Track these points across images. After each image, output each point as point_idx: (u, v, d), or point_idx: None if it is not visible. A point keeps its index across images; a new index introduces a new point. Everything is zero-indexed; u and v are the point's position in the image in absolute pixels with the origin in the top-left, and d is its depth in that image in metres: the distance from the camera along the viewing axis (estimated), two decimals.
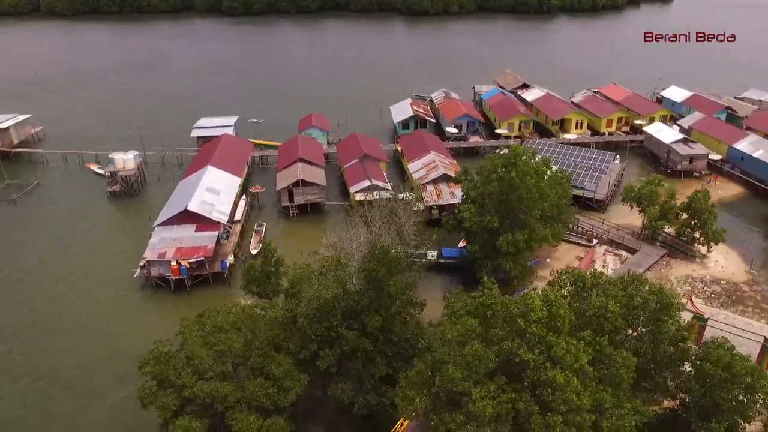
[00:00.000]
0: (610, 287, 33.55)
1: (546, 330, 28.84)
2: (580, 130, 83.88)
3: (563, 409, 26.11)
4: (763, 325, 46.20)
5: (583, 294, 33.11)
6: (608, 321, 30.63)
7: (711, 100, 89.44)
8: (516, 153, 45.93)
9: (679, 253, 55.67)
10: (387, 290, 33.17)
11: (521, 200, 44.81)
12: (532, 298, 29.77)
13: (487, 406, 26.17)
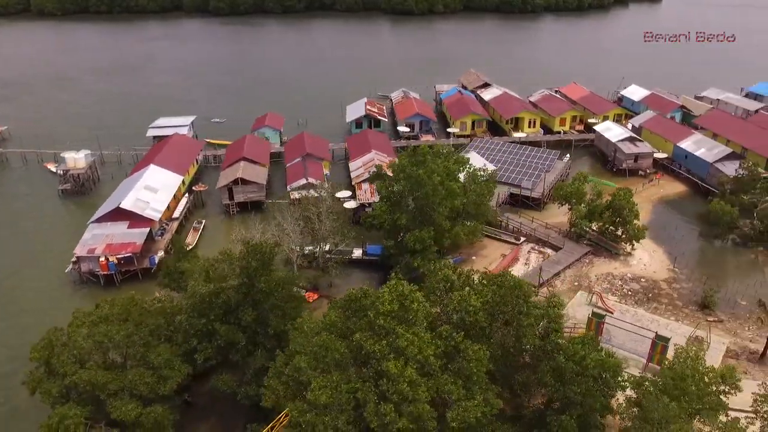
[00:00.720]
0: (484, 286, 34.29)
1: (396, 322, 29.66)
2: (533, 129, 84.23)
3: (396, 398, 26.81)
4: (670, 322, 46.70)
5: (451, 292, 33.83)
6: (469, 315, 31.29)
7: (667, 99, 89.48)
8: (424, 152, 46.63)
9: (604, 251, 56.09)
10: (259, 286, 34.04)
11: (427, 198, 45.50)
12: (383, 292, 30.54)
13: (322, 395, 26.95)
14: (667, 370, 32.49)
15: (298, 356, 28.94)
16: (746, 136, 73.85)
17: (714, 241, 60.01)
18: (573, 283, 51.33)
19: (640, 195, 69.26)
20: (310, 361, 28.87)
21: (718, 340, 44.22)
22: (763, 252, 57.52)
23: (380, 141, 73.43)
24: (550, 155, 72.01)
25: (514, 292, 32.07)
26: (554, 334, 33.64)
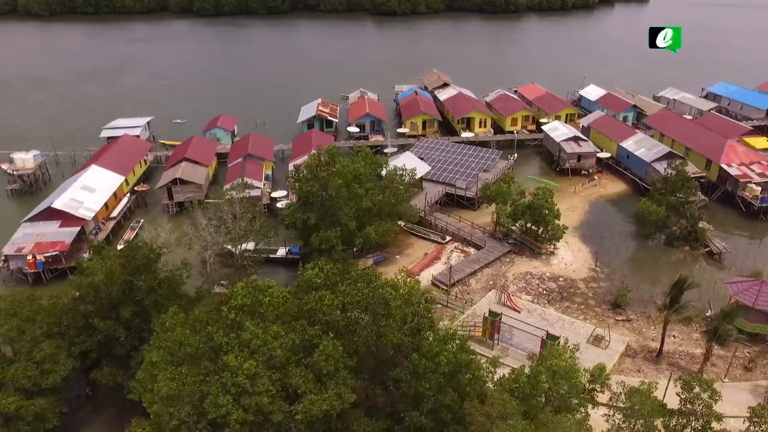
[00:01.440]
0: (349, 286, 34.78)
1: (248, 317, 30.32)
2: (483, 129, 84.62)
3: (233, 390, 27.47)
4: (575, 321, 46.95)
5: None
6: (323, 313, 31.84)
7: (621, 99, 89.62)
8: (332, 154, 47.26)
9: (527, 250, 56.45)
10: (138, 284, 34.85)
11: (332, 199, 46.15)
12: (238, 287, 31.24)
13: (164, 386, 27.73)
14: (537, 367, 32.94)
15: (154, 350, 29.72)
16: (690, 136, 73.94)
17: (644, 241, 60.09)
18: (488, 282, 51.71)
19: (579, 194, 70.00)
20: (164, 355, 29.60)
21: (620, 339, 44.55)
22: (689, 251, 57.85)
23: (323, 142, 73.98)
24: (492, 155, 72.39)
25: (377, 291, 32.55)
26: (428, 330, 34.20)
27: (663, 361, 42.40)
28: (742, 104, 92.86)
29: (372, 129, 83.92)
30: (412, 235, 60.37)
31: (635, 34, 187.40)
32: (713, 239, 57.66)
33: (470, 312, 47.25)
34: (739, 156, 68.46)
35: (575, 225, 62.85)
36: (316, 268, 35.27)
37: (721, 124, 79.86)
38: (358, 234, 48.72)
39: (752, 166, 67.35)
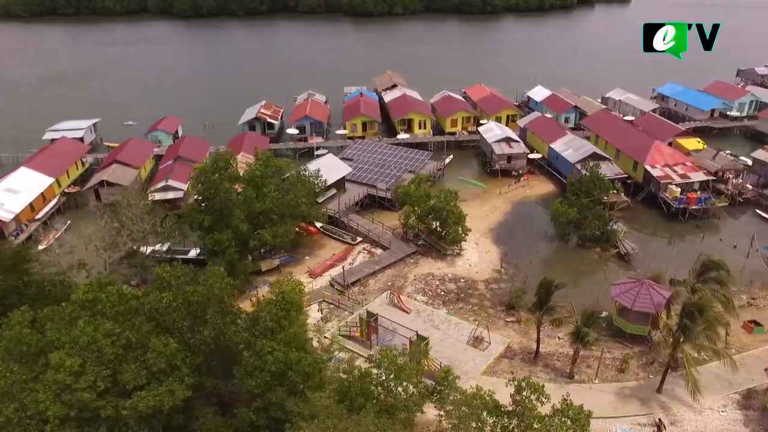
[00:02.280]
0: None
1: (87, 313, 31.08)
2: (423, 130, 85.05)
3: (54, 387, 28.20)
4: (461, 321, 47.14)
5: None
6: (159, 313, 32.52)
7: (564, 99, 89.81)
8: (225, 158, 47.99)
9: (434, 251, 56.86)
10: (11, 284, 35.75)
11: (223, 202, 46.80)
12: (86, 284, 32.14)
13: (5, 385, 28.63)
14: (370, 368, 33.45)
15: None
16: (620, 137, 74.06)
17: (558, 242, 60.36)
18: (386, 283, 52.15)
19: (504, 196, 70.34)
20: (3, 354, 30.36)
21: (501, 341, 44.90)
22: (601, 252, 58.10)
23: (257, 144, 74.49)
24: (421, 156, 72.84)
25: (214, 292, 33.18)
26: (280, 330, 34.79)
27: (539, 363, 42.81)
28: (687, 105, 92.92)
29: (312, 131, 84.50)
30: (327, 236, 61.14)
31: (613, 34, 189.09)
32: (624, 241, 57.90)
33: (359, 313, 47.76)
34: (665, 157, 68.61)
35: (492, 226, 63.39)
36: (169, 269, 36.20)
37: (656, 125, 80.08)
38: (253, 236, 49.33)
39: (676, 168, 67.56)
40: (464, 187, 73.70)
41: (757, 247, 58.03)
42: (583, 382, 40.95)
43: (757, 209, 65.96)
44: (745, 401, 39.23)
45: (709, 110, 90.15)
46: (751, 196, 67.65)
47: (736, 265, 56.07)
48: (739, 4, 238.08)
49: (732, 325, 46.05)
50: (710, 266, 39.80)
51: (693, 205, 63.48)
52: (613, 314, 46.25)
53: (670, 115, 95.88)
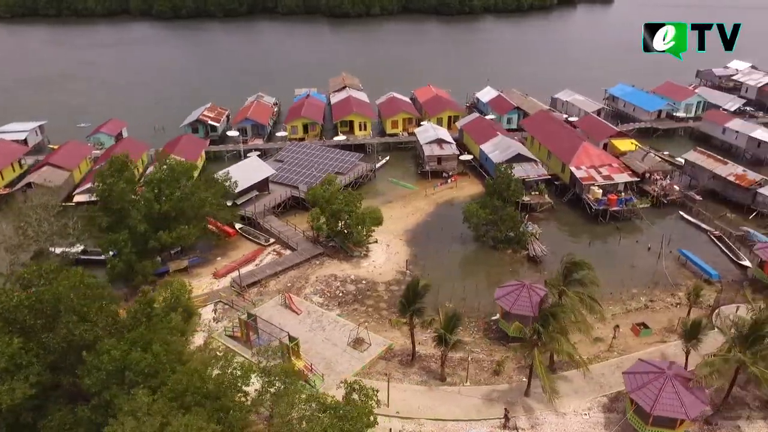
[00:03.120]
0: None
1: None
2: (364, 132, 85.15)
3: None
4: (347, 323, 46.76)
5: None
6: (10, 312, 33.03)
7: (507, 100, 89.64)
8: (121, 161, 48.52)
9: (342, 252, 56.96)
10: None
11: (119, 204, 47.40)
12: None
13: None
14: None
15: None
16: (552, 139, 73.85)
17: (473, 244, 59.86)
18: (287, 285, 52.29)
19: (430, 197, 70.29)
20: None
21: (383, 342, 44.92)
22: (512, 254, 57.96)
23: (190, 146, 74.95)
24: (351, 158, 72.91)
25: (68, 293, 33.60)
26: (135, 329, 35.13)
27: (416, 365, 42.80)
28: (635, 106, 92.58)
29: (254, 133, 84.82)
30: (244, 238, 61.41)
31: (594, 34, 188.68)
32: (535, 242, 57.74)
33: (238, 314, 47.85)
34: (591, 159, 68.33)
35: (409, 227, 63.35)
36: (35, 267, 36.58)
37: (595, 126, 79.91)
38: (153, 237, 49.69)
39: (601, 169, 67.33)
40: (393, 188, 73.91)
41: (668, 249, 57.73)
42: (455, 385, 40.91)
43: (680, 211, 65.75)
44: (611, 404, 39.05)
45: (654, 111, 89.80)
46: (677, 198, 67.39)
47: (648, 267, 56.44)
48: (718, 5, 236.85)
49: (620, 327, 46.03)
50: (573, 268, 39.65)
51: (614, 207, 63.29)
52: (499, 317, 46.34)
53: (620, 116, 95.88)
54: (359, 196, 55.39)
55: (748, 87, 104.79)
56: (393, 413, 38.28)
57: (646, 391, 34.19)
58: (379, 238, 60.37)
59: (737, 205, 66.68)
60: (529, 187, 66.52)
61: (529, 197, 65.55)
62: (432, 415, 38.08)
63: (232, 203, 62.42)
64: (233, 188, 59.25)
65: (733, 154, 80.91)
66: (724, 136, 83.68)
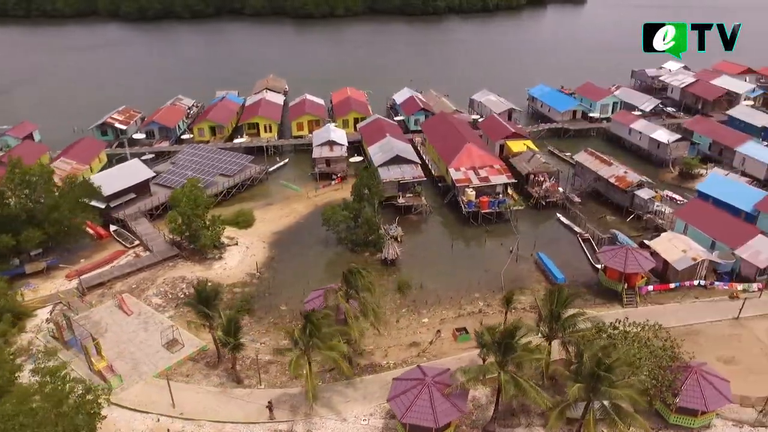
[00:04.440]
0: None
1: None
2: (269, 134, 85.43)
3: None
4: (166, 321, 47.43)
5: None
6: None
7: (415, 102, 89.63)
8: None
9: (199, 254, 57.24)
10: None
11: None
12: None
13: None
14: None
15: None
16: (441, 140, 73.84)
17: (335, 246, 59.61)
18: (132, 286, 52.56)
19: (312, 199, 70.41)
20: None
21: (198, 343, 44.88)
22: (368, 257, 57.74)
23: (84, 148, 75.58)
24: (240, 160, 73.21)
25: None
26: None
27: (221, 366, 43.03)
28: (550, 107, 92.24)
29: (161, 135, 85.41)
30: (115, 241, 61.94)
31: (560, 34, 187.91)
32: (392, 245, 57.61)
33: (84, 314, 48.47)
34: (473, 160, 68.19)
35: (279, 229, 63.55)
36: None
37: (492, 127, 79.79)
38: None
39: (481, 170, 67.21)
40: (282, 190, 74.07)
41: (532, 252, 57.79)
42: (249, 387, 41.15)
43: (558, 213, 65.48)
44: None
45: (565, 111, 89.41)
46: (558, 200, 67.15)
47: (503, 271, 56.00)
48: (691, 5, 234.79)
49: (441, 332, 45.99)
50: (349, 276, 39.66)
51: (485, 209, 63.17)
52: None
53: (539, 116, 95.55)
54: (208, 200, 55.82)
55: (672, 88, 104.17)
56: (177, 414, 38.77)
57: (404, 398, 34.20)
58: (243, 240, 60.99)
59: (618, 207, 66.65)
60: (407, 189, 66.74)
61: (404, 199, 65.75)
62: (213, 417, 38.43)
63: (106, 205, 63.29)
64: (101, 191, 59.79)
65: (644, 155, 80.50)
66: (630, 137, 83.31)
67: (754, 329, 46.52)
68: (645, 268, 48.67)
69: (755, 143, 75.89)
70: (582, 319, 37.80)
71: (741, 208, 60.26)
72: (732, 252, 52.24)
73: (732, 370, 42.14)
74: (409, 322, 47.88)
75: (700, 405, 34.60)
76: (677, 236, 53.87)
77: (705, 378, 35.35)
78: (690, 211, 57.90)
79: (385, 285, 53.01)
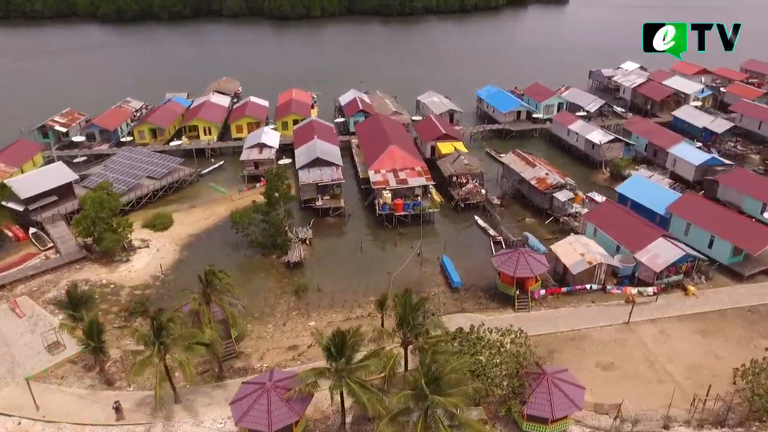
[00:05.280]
0: None
1: None
2: (209, 137, 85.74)
3: None
4: (56, 323, 47.26)
5: None
6: None
7: (357, 104, 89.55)
8: None
9: (108, 256, 57.42)
10: None
11: None
12: None
13: None
14: None
15: None
16: (369, 142, 73.89)
17: (247, 249, 59.19)
18: (32, 288, 52.74)
19: (235, 201, 70.26)
20: None
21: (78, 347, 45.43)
22: (275, 259, 57.60)
23: (17, 151, 76.03)
24: (169, 162, 73.48)
25: None
26: None
27: (96, 369, 43.13)
28: (494, 108, 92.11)
29: (102, 138, 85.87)
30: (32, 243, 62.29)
31: (538, 35, 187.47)
32: (297, 248, 57.55)
33: None
34: (395, 162, 68.16)
35: (196, 232, 63.58)
36: None
37: (426, 128, 79.81)
38: None
39: (401, 173, 67.16)
40: (210, 192, 74.33)
41: (423, 256, 57.56)
42: (119, 389, 41.28)
43: (476, 216, 65.40)
44: None
45: (508, 112, 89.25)
46: (478, 202, 67.02)
47: (406, 274, 55.15)
48: (674, 5, 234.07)
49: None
50: (211, 277, 39.87)
51: (399, 212, 63.13)
52: None
53: (486, 117, 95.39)
54: (115, 204, 56.16)
55: (624, 88, 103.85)
56: (40, 417, 39.03)
57: (244, 402, 34.27)
58: (156, 242, 61.15)
59: (539, 209, 66.47)
60: (326, 191, 66.80)
61: (322, 201, 65.82)
62: (75, 420, 38.67)
63: (24, 208, 63.71)
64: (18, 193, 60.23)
65: (581, 156, 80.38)
66: (568, 137, 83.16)
67: (642, 334, 46.31)
68: (536, 271, 48.42)
69: (687, 144, 75.52)
70: (431, 324, 37.83)
71: (656, 211, 60.32)
72: (633, 256, 52.24)
73: (608, 376, 42.30)
74: (294, 325, 47.99)
75: (546, 412, 34.51)
76: (579, 239, 53.72)
77: (556, 385, 35.22)
78: (598, 215, 57.73)
79: (284, 287, 53.26)
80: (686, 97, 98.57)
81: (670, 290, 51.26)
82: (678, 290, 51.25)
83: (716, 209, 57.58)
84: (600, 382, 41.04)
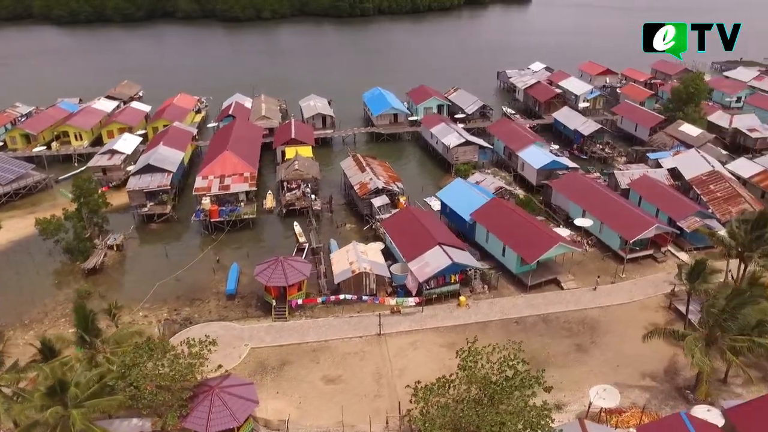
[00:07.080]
0: None
1: None
2: (79, 142, 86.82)
3: None
4: None
5: None
6: None
7: (229, 108, 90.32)
8: None
9: None
10: None
11: None
12: None
13: None
14: None
15: None
16: (214, 149, 74.05)
17: (63, 256, 60.63)
18: None
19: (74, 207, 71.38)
20: None
21: None
22: (80, 265, 58.32)
23: None
24: (17, 168, 74.68)
25: None
26: None
27: None
28: (371, 111, 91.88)
29: None
30: None
31: (494, 35, 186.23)
32: (98, 254, 57.93)
33: None
34: (225, 168, 68.27)
35: (19, 237, 63.81)
36: None
37: (279, 132, 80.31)
38: None
39: (227, 178, 67.35)
40: (56, 198, 74.76)
41: (220, 263, 57.65)
42: None
43: (295, 222, 64.99)
44: None
45: (380, 114, 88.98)
46: (302, 207, 66.72)
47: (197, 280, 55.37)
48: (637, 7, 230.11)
49: None
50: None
51: (214, 218, 63.39)
52: None
53: (368, 121, 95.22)
54: None
55: (518, 89, 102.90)
56: None
57: None
58: None
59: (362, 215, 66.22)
60: (154, 198, 67.26)
61: (148, 207, 66.31)
62: None
63: None
64: None
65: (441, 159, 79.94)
66: (431, 140, 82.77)
67: (390, 346, 45.39)
68: (291, 280, 48.29)
69: (536, 147, 74.49)
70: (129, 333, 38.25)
71: (465, 218, 59.77)
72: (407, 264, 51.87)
73: (328, 390, 41.57)
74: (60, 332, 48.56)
75: (201, 427, 34.35)
76: (356, 247, 53.61)
77: (221, 399, 35.11)
78: (392, 222, 57.44)
79: (70, 294, 53.77)
80: (576, 98, 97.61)
81: (445, 300, 51.15)
82: (454, 300, 51.05)
83: (513, 216, 56.57)
84: (314, 396, 40.63)
